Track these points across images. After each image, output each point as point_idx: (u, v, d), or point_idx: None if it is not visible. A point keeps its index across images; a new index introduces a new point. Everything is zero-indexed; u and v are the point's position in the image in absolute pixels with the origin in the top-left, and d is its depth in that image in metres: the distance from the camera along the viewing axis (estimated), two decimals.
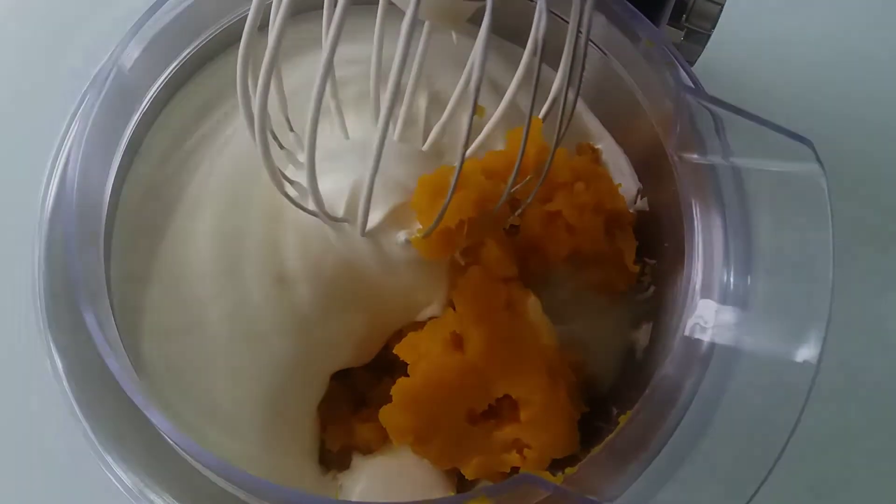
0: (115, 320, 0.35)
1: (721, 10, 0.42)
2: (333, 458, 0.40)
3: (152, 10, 0.37)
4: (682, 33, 0.43)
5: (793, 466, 0.32)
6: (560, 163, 0.39)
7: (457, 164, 0.31)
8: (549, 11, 0.31)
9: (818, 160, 0.32)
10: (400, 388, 0.36)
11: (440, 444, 0.37)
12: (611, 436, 0.33)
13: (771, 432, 0.31)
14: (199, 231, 0.38)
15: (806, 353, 0.32)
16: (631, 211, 0.42)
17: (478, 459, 0.37)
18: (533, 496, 0.31)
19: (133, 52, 0.36)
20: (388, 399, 0.37)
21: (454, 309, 0.37)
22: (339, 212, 0.36)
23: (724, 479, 0.32)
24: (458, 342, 0.37)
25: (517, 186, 0.34)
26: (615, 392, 0.40)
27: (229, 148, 0.40)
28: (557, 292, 0.40)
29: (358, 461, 0.39)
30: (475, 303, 0.37)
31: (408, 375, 0.37)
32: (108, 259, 0.37)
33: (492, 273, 0.37)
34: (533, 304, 0.38)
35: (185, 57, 0.40)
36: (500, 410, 0.37)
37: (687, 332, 0.35)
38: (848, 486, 0.47)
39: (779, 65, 0.49)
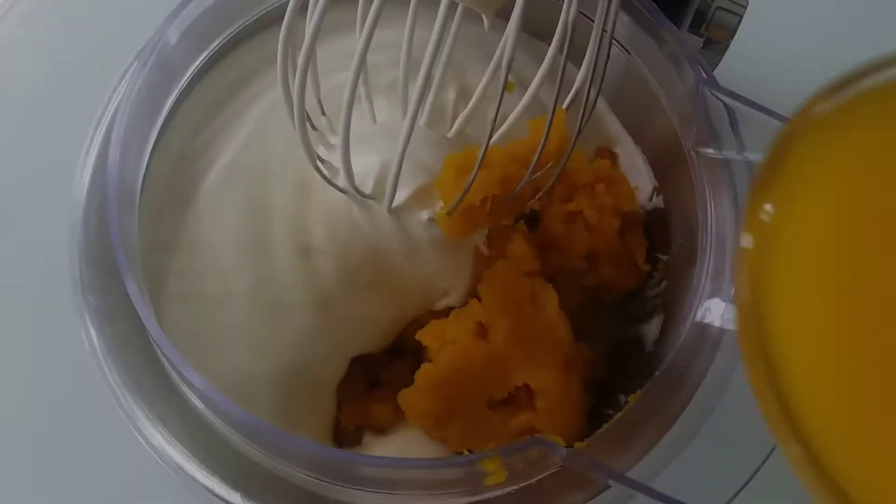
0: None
1: (740, 21, 0.43)
2: (346, 437, 0.41)
3: None
4: (702, 41, 0.44)
5: None
6: (581, 165, 0.41)
7: (483, 145, 0.32)
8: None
9: None
10: (424, 372, 0.37)
11: (459, 428, 0.38)
12: (619, 414, 0.34)
13: None
14: (227, 202, 0.39)
15: None
16: (647, 208, 0.43)
17: (492, 444, 0.38)
18: (543, 461, 0.32)
19: (178, 28, 0.38)
20: (401, 380, 0.38)
21: (479, 300, 0.38)
22: (367, 190, 0.37)
23: (728, 460, 0.33)
24: (482, 331, 0.38)
25: (538, 173, 0.35)
26: (625, 383, 0.41)
27: (260, 124, 0.41)
28: (573, 288, 0.41)
29: (370, 440, 0.40)
30: (501, 295, 0.38)
31: (423, 359, 0.38)
32: (138, 227, 0.38)
33: (517, 267, 0.38)
34: (552, 298, 0.39)
35: (227, 35, 0.41)
36: (517, 398, 0.38)
37: (697, 322, 0.36)
38: None
39: (792, 60, 0.49)
